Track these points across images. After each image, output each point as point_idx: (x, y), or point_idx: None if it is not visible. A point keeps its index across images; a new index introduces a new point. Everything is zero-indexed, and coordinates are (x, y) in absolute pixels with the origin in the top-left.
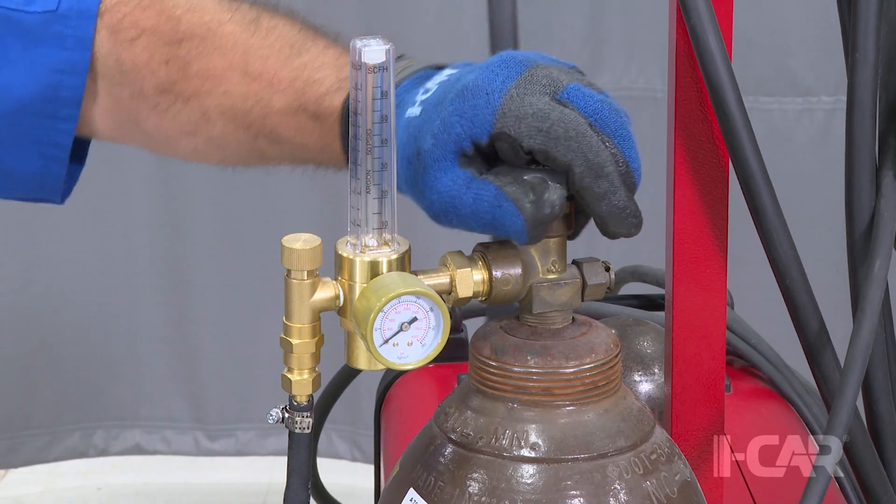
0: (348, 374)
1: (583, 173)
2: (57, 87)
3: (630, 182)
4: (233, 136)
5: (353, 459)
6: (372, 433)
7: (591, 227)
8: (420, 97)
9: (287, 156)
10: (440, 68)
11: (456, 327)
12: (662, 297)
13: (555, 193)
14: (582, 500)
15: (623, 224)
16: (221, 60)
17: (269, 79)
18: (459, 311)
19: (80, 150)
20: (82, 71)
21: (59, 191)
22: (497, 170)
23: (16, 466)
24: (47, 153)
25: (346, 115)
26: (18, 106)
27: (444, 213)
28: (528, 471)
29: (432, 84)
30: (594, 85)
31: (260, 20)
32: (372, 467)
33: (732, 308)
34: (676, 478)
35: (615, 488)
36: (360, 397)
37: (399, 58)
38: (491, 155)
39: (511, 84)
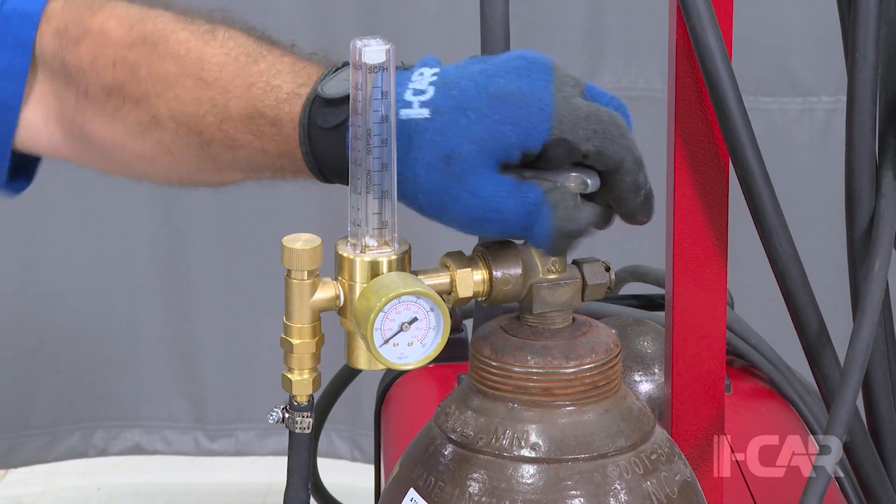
0: (348, 374)
1: (630, 168)
2: None
3: None
4: (184, 140)
5: (353, 459)
6: (372, 433)
7: None
8: (414, 97)
9: (242, 163)
10: (407, 68)
11: (456, 327)
12: (662, 297)
13: (590, 211)
14: (582, 500)
15: (650, 210)
16: (174, 66)
17: (225, 85)
18: (460, 311)
19: (30, 167)
20: (21, 75)
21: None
22: (537, 173)
23: (16, 466)
24: None
25: (306, 122)
26: None
27: (484, 219)
28: (528, 471)
29: (421, 84)
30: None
31: (215, 31)
32: (372, 467)
33: (732, 308)
34: (677, 478)
35: (615, 488)
36: (360, 397)
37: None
38: (527, 160)
39: (553, 88)
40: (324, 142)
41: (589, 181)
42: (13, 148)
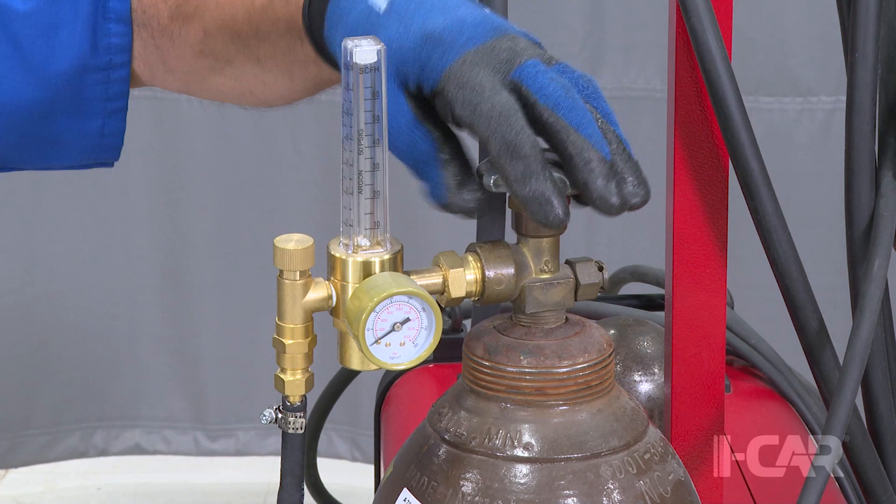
0: (348, 374)
1: (499, 152)
2: (108, 35)
3: (552, 176)
4: (232, 47)
5: (353, 459)
6: (372, 433)
7: (587, 227)
8: None
9: (275, 52)
10: None
11: (456, 327)
12: (662, 297)
13: (474, 187)
14: (575, 499)
15: (539, 211)
16: None
17: None
18: (459, 311)
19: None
20: (126, 18)
21: (119, 147)
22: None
23: (16, 466)
24: (106, 108)
25: None
26: (76, 65)
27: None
28: (521, 471)
29: None
30: (553, 60)
31: None
32: (372, 467)
33: (732, 308)
34: (670, 477)
35: (608, 488)
36: (360, 397)
37: None
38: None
39: (471, 48)
40: (319, 19)
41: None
42: None
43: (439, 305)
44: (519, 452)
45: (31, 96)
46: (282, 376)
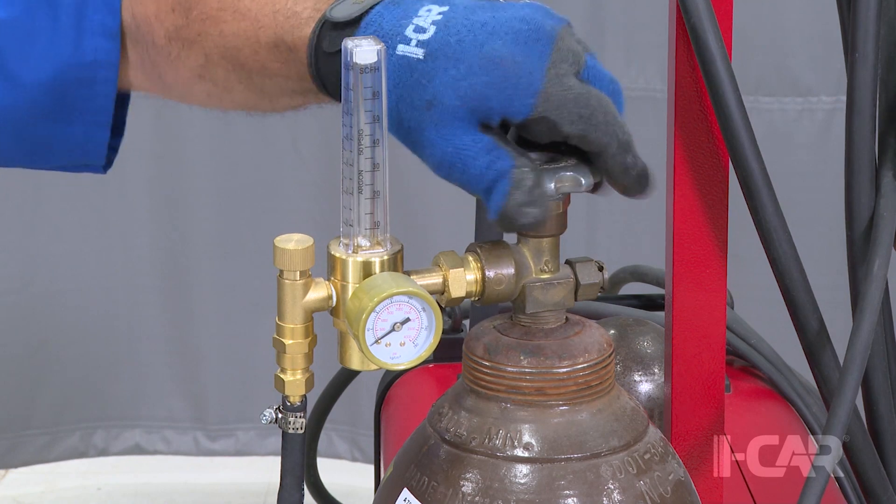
0: (348, 374)
1: (616, 152)
2: (94, 51)
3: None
4: (233, 75)
5: (353, 459)
6: (372, 433)
7: (587, 227)
8: (414, 34)
9: (281, 90)
10: None
11: (456, 327)
12: (662, 297)
13: (543, 207)
14: (575, 499)
15: (645, 185)
16: (217, 1)
17: (255, 14)
18: (459, 311)
19: (118, 122)
20: (115, 34)
21: (103, 157)
22: (525, 150)
23: (16, 466)
24: (89, 119)
25: (314, 46)
26: (55, 76)
27: (452, 167)
28: (521, 471)
29: (424, 21)
30: (584, 44)
31: None
32: (372, 467)
33: (732, 308)
34: (670, 477)
35: (609, 488)
36: (360, 397)
37: None
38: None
39: (547, 63)
40: (327, 65)
41: (583, 181)
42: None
43: (439, 305)
44: (519, 452)
45: (10, 102)
46: (282, 376)
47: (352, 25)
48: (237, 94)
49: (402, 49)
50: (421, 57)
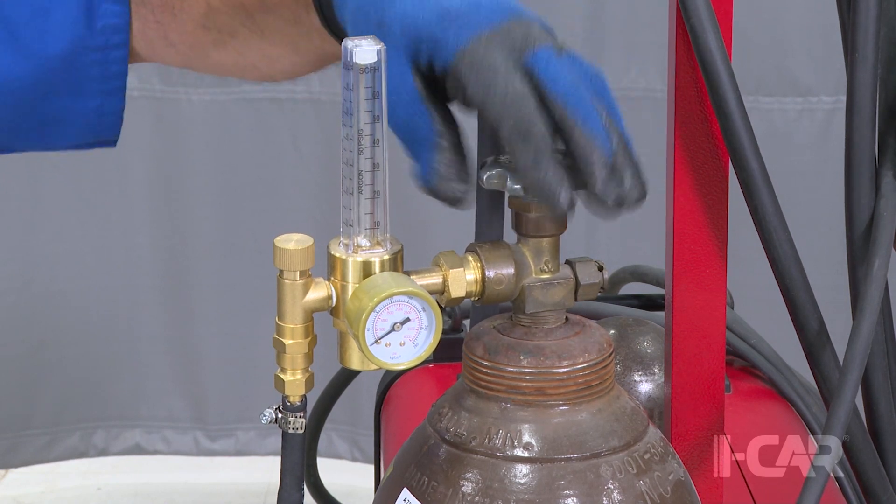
0: (348, 374)
1: (510, 135)
2: (104, 16)
3: (557, 160)
4: (236, 19)
5: (353, 459)
6: (372, 433)
7: (587, 227)
8: None
9: (281, 25)
10: None
11: (456, 327)
12: (662, 297)
13: (465, 185)
14: (575, 499)
15: (549, 195)
16: None
17: None
18: (459, 311)
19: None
20: None
21: (118, 128)
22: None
23: (16, 466)
24: (105, 88)
25: None
26: (71, 47)
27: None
28: (521, 471)
29: None
30: (564, 49)
31: None
32: (372, 467)
33: (732, 308)
34: (670, 477)
35: (608, 488)
36: (360, 397)
37: None
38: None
39: (486, 29)
40: None
41: (510, 182)
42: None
43: (439, 305)
44: (519, 452)
45: (26, 78)
46: (282, 376)
47: None
48: (240, 40)
49: None
50: None
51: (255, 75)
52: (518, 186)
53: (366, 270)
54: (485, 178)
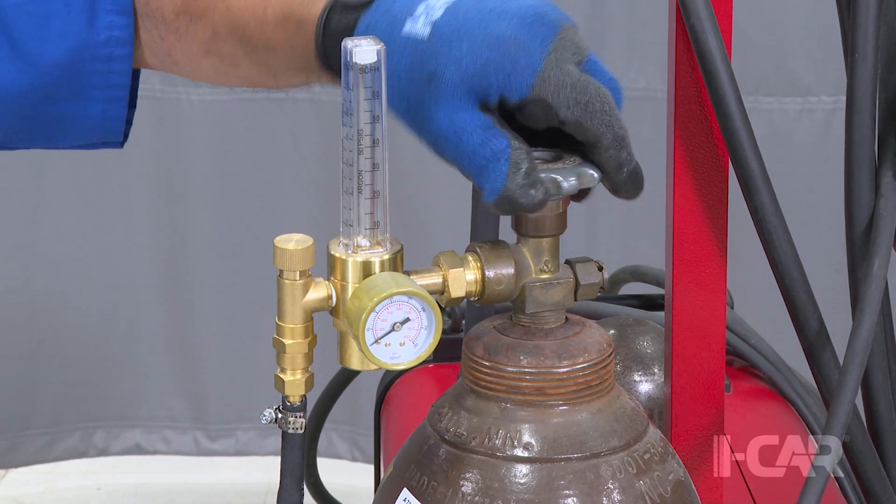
0: (348, 374)
1: (610, 144)
2: (108, 28)
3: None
4: (240, 51)
5: (353, 459)
6: (372, 433)
7: (587, 227)
8: (423, 13)
9: (287, 66)
10: None
11: (456, 327)
12: (662, 297)
13: (550, 187)
14: (575, 499)
15: (637, 186)
16: None
17: None
18: (459, 311)
19: (131, 96)
20: (128, 10)
21: (121, 133)
22: (526, 142)
23: (16, 466)
24: (107, 96)
25: (323, 22)
26: (72, 55)
27: (444, 142)
28: (521, 470)
29: (436, 3)
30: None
31: None
32: (372, 467)
33: (732, 308)
34: (670, 477)
35: (608, 488)
36: (360, 397)
37: None
38: (506, 112)
39: (549, 47)
40: (333, 44)
41: (595, 174)
42: None
43: (439, 305)
44: (519, 452)
45: (26, 83)
46: (282, 376)
47: (364, 7)
48: (243, 69)
49: (409, 26)
50: (427, 35)
51: (259, 88)
52: (574, 182)
53: (366, 270)
54: (572, 180)
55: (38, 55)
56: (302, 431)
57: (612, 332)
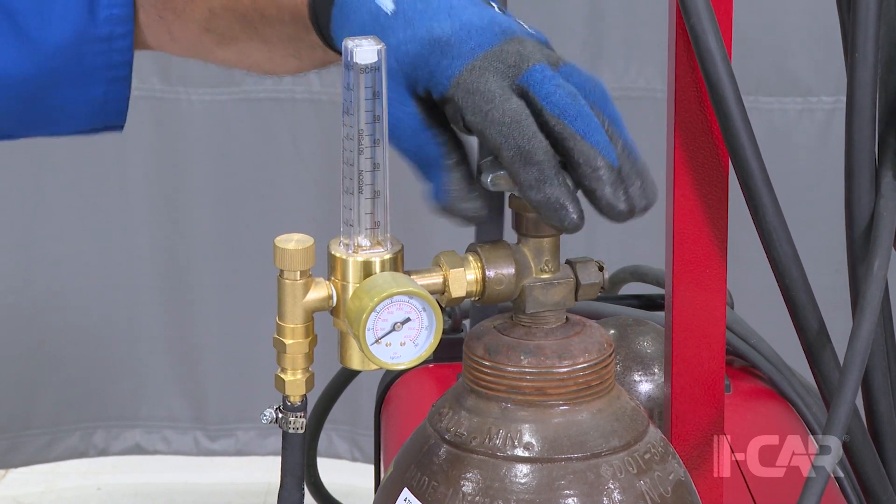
0: (348, 374)
1: (512, 158)
2: (109, 6)
3: (563, 180)
4: (237, 26)
5: (353, 459)
6: (372, 433)
7: (587, 227)
8: None
9: (282, 36)
10: None
11: (456, 327)
12: (662, 297)
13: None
14: (576, 499)
15: (555, 216)
16: None
17: None
18: (459, 311)
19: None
20: None
21: (124, 115)
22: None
23: (16, 466)
24: (109, 76)
25: None
26: (74, 37)
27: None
28: (521, 470)
29: None
30: (560, 62)
31: None
32: (372, 467)
33: (732, 308)
34: (670, 477)
35: (609, 488)
36: (360, 397)
37: None
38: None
39: (479, 54)
40: (323, 8)
41: (496, 185)
42: None
43: (440, 305)
44: (519, 452)
45: (30, 68)
46: (282, 376)
47: None
48: (242, 44)
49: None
50: (390, 11)
51: (259, 72)
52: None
53: (366, 270)
54: (488, 180)
55: (42, 39)
56: (302, 431)
57: (612, 332)
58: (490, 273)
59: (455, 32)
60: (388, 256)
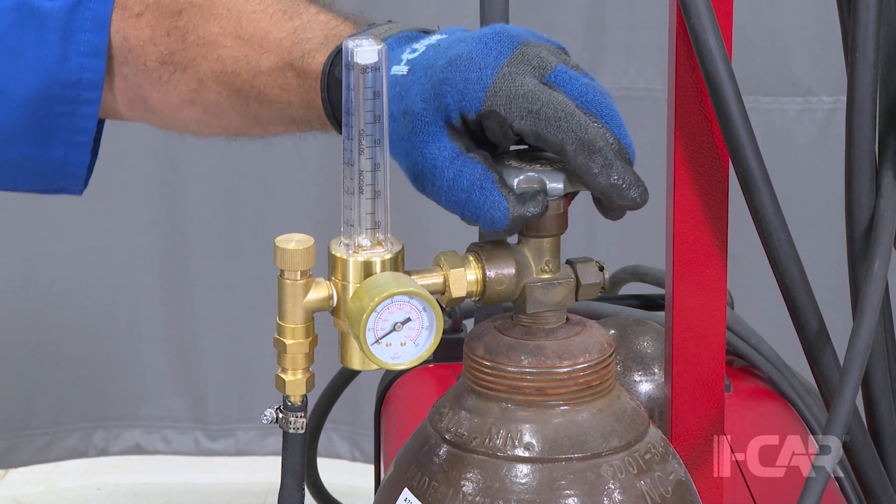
0: (348, 374)
1: (576, 151)
2: (79, 70)
3: (626, 158)
4: (227, 101)
5: (353, 459)
6: (372, 433)
7: (587, 227)
8: (407, 55)
9: (278, 117)
10: (427, 32)
11: (456, 327)
12: (662, 297)
13: (541, 195)
14: (576, 499)
15: (627, 195)
16: (217, 26)
17: (259, 41)
18: (460, 311)
19: (94, 144)
20: (102, 53)
21: (82, 179)
22: (497, 156)
23: (16, 466)
24: (70, 140)
25: (327, 72)
26: (39, 93)
27: (422, 179)
28: (522, 471)
29: (420, 45)
30: (579, 67)
31: None
32: (372, 467)
33: (732, 308)
34: (671, 477)
35: (609, 488)
36: (360, 397)
37: (385, 23)
38: (479, 133)
39: (504, 61)
40: (337, 93)
41: (549, 183)
42: None
43: (440, 305)
44: (520, 452)
45: None
46: (282, 376)
47: None
48: (226, 120)
49: (394, 70)
50: (405, 73)
51: (240, 136)
52: (560, 186)
53: (367, 270)
54: (515, 182)
55: (8, 90)
56: (303, 431)
57: (612, 332)
58: (490, 273)
59: (473, 48)
60: (388, 256)
